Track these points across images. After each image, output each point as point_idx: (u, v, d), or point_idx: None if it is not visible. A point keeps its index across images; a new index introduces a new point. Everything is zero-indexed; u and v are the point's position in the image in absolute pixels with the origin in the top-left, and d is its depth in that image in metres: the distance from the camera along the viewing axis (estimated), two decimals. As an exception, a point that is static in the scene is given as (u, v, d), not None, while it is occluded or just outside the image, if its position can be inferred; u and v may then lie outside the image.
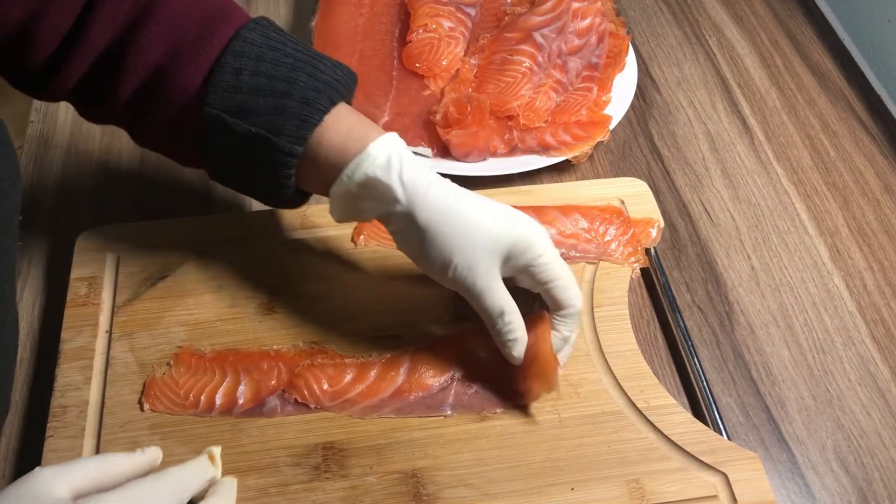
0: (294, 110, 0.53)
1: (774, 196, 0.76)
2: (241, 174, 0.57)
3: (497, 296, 0.55)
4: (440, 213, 0.53)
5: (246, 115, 0.53)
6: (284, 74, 0.53)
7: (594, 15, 0.80)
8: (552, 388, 0.57)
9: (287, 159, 0.54)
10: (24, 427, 0.59)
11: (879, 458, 0.60)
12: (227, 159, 0.56)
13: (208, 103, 0.53)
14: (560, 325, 0.58)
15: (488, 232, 0.54)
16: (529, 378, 0.57)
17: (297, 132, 0.53)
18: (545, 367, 0.56)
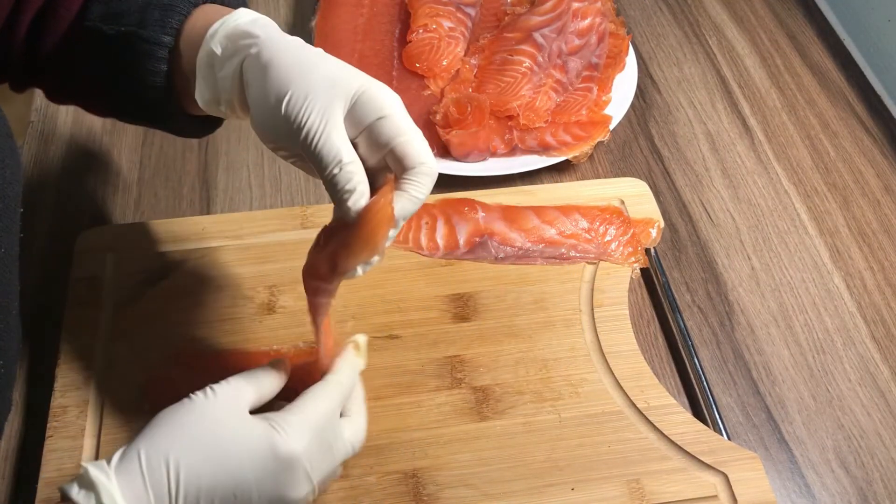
0: (163, 2, 0.51)
1: (774, 196, 0.76)
2: (123, 95, 0.54)
3: (336, 138, 0.46)
4: (289, 50, 0.48)
5: (119, 19, 0.51)
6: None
7: (594, 15, 0.80)
8: (376, 249, 0.47)
9: (154, 49, 0.50)
10: (24, 427, 0.59)
11: (879, 458, 0.60)
12: (110, 78, 0.53)
13: (87, 18, 0.52)
14: (409, 185, 0.48)
15: (334, 74, 0.48)
16: (354, 236, 0.47)
17: (164, 21, 0.51)
18: (375, 221, 0.46)
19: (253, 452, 0.43)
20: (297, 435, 0.45)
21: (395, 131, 0.48)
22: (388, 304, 0.64)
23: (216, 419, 0.44)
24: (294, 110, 0.46)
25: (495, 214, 0.69)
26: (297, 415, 0.46)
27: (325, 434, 0.47)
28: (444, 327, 0.63)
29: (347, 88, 0.47)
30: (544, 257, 0.67)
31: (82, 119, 0.79)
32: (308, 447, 0.45)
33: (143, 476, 0.41)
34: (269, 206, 0.73)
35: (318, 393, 0.48)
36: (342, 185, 0.46)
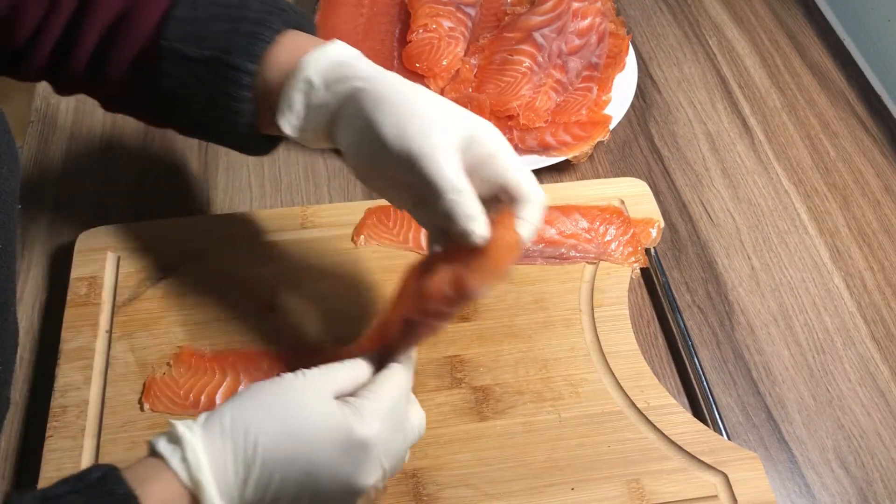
0: (246, 29, 0.53)
1: (774, 196, 0.76)
2: (198, 112, 0.56)
3: (456, 168, 0.49)
4: (398, 86, 0.51)
5: (200, 41, 0.53)
6: (239, 2, 0.54)
7: (594, 15, 0.80)
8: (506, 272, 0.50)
9: (240, 76, 0.53)
10: (24, 427, 0.59)
11: (879, 458, 0.60)
12: (185, 97, 0.55)
13: (164, 36, 0.53)
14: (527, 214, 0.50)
15: (446, 111, 0.51)
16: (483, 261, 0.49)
17: (249, 48, 0.53)
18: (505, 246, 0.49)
19: (330, 434, 0.44)
20: (372, 420, 0.45)
21: (507, 167, 0.51)
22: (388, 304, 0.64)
23: (301, 398, 0.45)
24: (412, 142, 0.49)
25: (495, 214, 0.68)
26: (373, 401, 0.46)
27: (396, 418, 0.47)
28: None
29: (460, 126, 0.51)
30: (544, 257, 0.67)
31: (82, 119, 0.79)
32: (381, 432, 0.45)
33: (226, 437, 0.43)
34: (269, 206, 0.73)
35: (390, 379, 0.48)
36: (466, 211, 0.49)
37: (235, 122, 0.55)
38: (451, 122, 0.51)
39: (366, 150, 0.51)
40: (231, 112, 0.54)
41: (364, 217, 0.68)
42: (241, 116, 0.54)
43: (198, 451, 0.42)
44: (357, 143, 0.52)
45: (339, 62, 0.52)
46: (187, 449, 0.42)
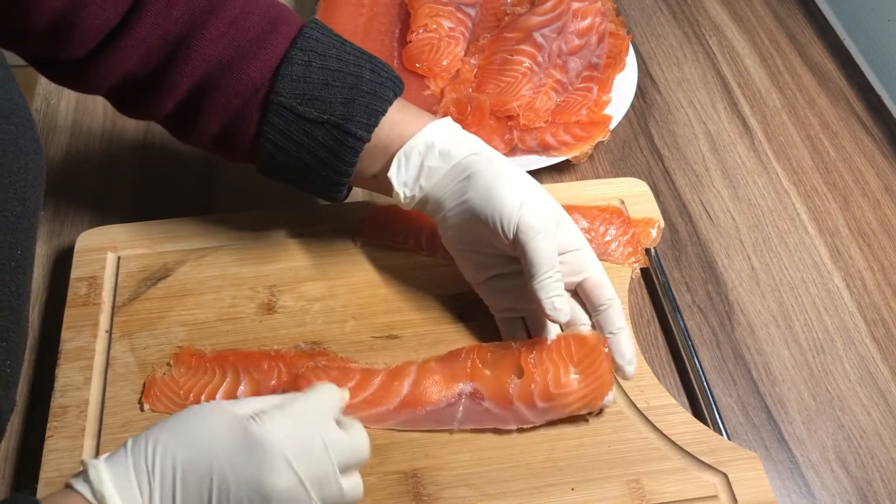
0: (363, 100, 0.57)
1: (774, 196, 0.76)
2: (299, 165, 0.59)
3: (553, 246, 0.56)
4: (512, 167, 0.58)
5: (316, 104, 0.57)
6: (351, 69, 0.58)
7: (594, 15, 0.80)
8: (595, 406, 0.57)
9: (356, 144, 0.57)
10: (24, 427, 0.59)
11: (879, 458, 0.60)
12: (289, 149, 0.58)
13: (277, 92, 0.56)
14: (617, 340, 0.59)
15: (550, 197, 0.58)
16: (581, 393, 0.57)
17: (367, 119, 0.57)
18: (601, 381, 0.57)
19: (226, 435, 0.45)
20: (273, 422, 0.45)
21: (589, 264, 0.60)
22: (388, 304, 0.64)
23: (202, 413, 0.46)
24: (530, 214, 0.56)
25: (495, 214, 0.68)
26: (278, 408, 0.47)
27: (312, 429, 0.46)
28: (444, 327, 0.63)
29: (558, 212, 0.58)
30: (544, 257, 0.67)
31: (82, 119, 0.79)
32: (286, 436, 0.45)
33: (128, 456, 0.44)
34: (269, 206, 0.73)
35: (306, 394, 0.49)
36: (554, 289, 0.56)
37: (337, 181, 0.60)
38: (554, 206, 0.58)
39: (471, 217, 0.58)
40: (336, 173, 0.59)
41: (364, 217, 0.68)
42: (344, 177, 0.59)
43: (100, 469, 0.43)
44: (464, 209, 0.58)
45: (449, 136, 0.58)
46: (90, 471, 0.43)
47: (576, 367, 0.58)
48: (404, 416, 0.57)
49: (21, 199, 0.50)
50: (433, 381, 0.58)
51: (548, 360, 0.58)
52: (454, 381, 0.58)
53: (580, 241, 0.59)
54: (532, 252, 0.56)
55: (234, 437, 0.45)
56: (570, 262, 0.59)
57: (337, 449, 0.47)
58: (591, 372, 0.57)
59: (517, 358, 0.59)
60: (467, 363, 0.59)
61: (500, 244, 0.58)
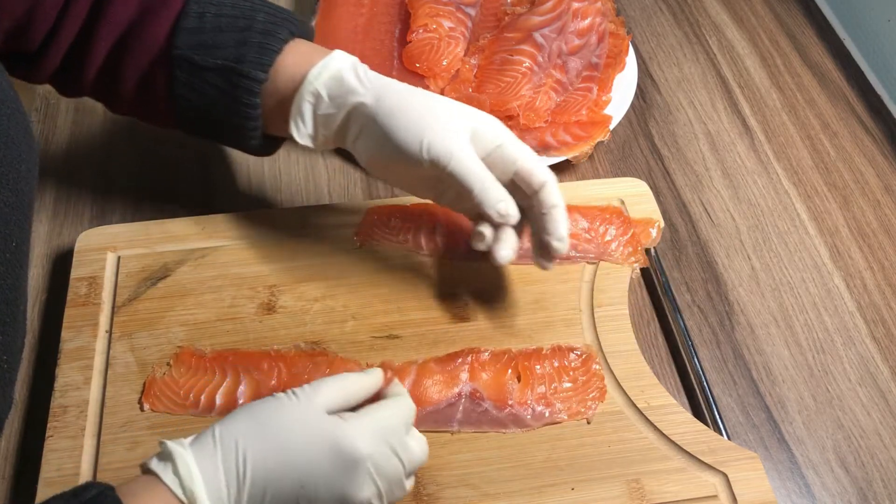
0: (255, 40, 0.57)
1: (774, 196, 0.76)
2: (209, 116, 0.60)
3: (477, 164, 0.56)
4: (405, 97, 0.57)
5: (211, 50, 0.57)
6: (244, 13, 0.58)
7: (594, 15, 0.80)
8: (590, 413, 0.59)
9: (251, 84, 0.57)
10: (24, 427, 0.59)
11: (879, 458, 0.60)
12: (196, 102, 0.59)
13: (176, 46, 0.57)
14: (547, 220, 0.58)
15: (451, 111, 0.57)
16: (575, 400, 0.59)
17: (260, 59, 0.57)
18: (595, 389, 0.59)
19: (318, 447, 0.45)
20: (363, 436, 0.46)
21: (516, 155, 0.58)
22: (388, 304, 0.64)
23: (291, 416, 0.46)
24: (437, 152, 0.55)
25: (495, 214, 0.68)
26: (366, 418, 0.47)
27: (392, 440, 0.47)
28: (444, 327, 0.63)
29: (470, 122, 0.57)
30: (544, 257, 0.67)
31: (82, 119, 0.79)
32: (373, 449, 0.46)
33: (216, 452, 0.43)
34: (269, 206, 0.73)
35: (388, 403, 0.50)
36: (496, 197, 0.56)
37: (245, 126, 0.59)
38: (459, 120, 0.57)
39: (384, 157, 0.57)
40: (241, 117, 0.59)
41: (364, 217, 0.68)
42: (251, 121, 0.59)
43: (189, 464, 0.42)
44: (374, 151, 0.57)
45: (341, 75, 0.57)
46: (179, 463, 0.42)
47: (570, 375, 0.59)
48: None
49: (13, 189, 0.49)
50: (433, 380, 0.58)
51: (545, 367, 0.59)
52: (454, 382, 0.59)
53: (500, 135, 0.58)
54: (457, 175, 0.55)
55: (327, 450, 0.45)
56: (496, 161, 0.58)
57: (406, 455, 0.48)
58: (585, 381, 0.59)
59: (516, 361, 0.59)
60: (466, 365, 0.59)
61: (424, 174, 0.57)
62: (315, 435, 0.45)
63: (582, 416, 0.58)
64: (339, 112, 0.57)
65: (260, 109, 0.59)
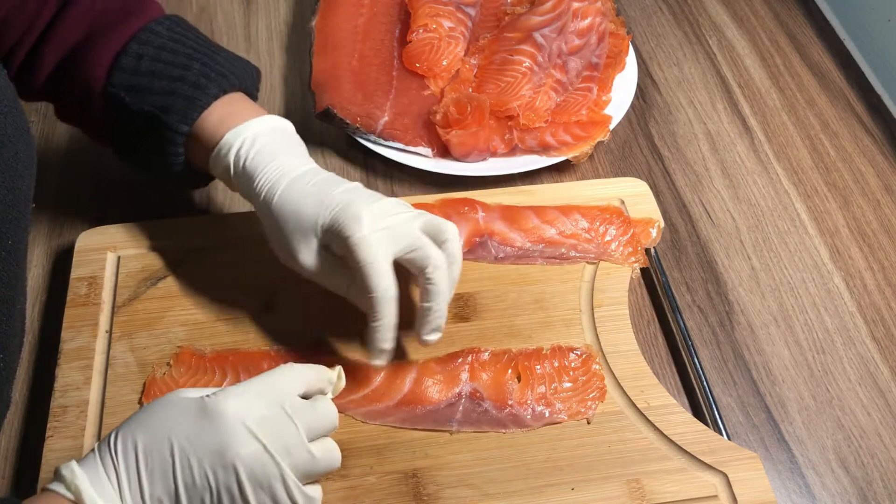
0: (184, 92, 0.59)
1: (774, 196, 0.76)
2: (138, 151, 0.63)
3: (327, 271, 0.57)
4: (265, 208, 0.57)
5: (142, 95, 0.59)
6: (181, 62, 0.60)
7: (594, 15, 0.80)
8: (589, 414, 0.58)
9: (175, 136, 0.59)
10: (24, 427, 0.59)
11: (879, 458, 0.60)
12: (127, 137, 0.62)
13: (110, 83, 0.59)
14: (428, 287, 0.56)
15: (301, 218, 0.56)
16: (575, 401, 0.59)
17: (186, 112, 0.59)
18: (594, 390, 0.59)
19: (183, 413, 0.45)
20: (228, 396, 0.46)
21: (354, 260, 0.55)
22: (388, 304, 0.64)
23: (161, 399, 0.47)
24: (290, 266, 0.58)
25: (495, 214, 0.69)
26: (244, 385, 0.47)
27: (282, 403, 0.46)
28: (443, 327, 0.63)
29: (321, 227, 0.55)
30: (544, 257, 0.67)
31: (82, 119, 0.79)
32: (247, 407, 0.45)
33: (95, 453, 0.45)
34: (269, 206, 0.73)
35: (273, 371, 0.49)
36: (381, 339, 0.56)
37: (169, 170, 0.62)
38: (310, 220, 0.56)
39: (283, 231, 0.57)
40: (166, 160, 0.61)
41: (364, 217, 0.68)
42: (174, 166, 0.61)
43: (72, 467, 0.44)
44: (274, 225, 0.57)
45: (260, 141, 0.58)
46: (64, 470, 0.44)
47: (570, 376, 0.59)
48: (404, 414, 0.57)
49: (10, 187, 0.50)
50: (434, 380, 0.59)
51: (545, 367, 0.59)
52: (454, 382, 0.59)
53: (353, 232, 0.54)
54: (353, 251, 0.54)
55: (191, 412, 0.45)
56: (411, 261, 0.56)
57: (301, 416, 0.47)
58: (585, 381, 0.59)
59: (516, 361, 0.59)
60: (466, 365, 0.59)
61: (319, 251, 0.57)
62: (180, 404, 0.46)
63: (582, 416, 0.58)
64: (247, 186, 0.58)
65: (183, 156, 0.61)
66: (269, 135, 0.58)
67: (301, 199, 0.56)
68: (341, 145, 0.78)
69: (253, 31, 0.89)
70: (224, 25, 0.89)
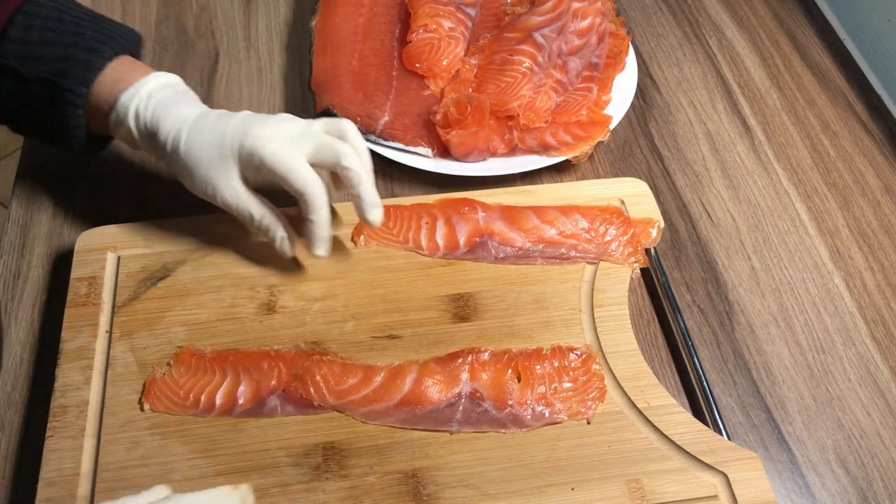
0: (80, 56, 0.60)
1: (774, 196, 0.76)
2: (37, 122, 0.63)
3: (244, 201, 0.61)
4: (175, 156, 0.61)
5: (35, 62, 0.60)
6: (71, 29, 0.61)
7: (594, 15, 0.80)
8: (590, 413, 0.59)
9: (74, 98, 0.60)
10: (24, 427, 0.59)
11: (879, 458, 0.60)
12: (24, 107, 0.62)
13: (2, 55, 0.60)
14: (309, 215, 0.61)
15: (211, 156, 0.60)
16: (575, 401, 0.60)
17: (83, 75, 0.60)
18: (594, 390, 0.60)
19: None
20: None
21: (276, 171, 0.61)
22: (388, 304, 0.64)
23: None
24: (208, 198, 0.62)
25: (495, 214, 0.69)
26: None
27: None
28: (444, 327, 0.63)
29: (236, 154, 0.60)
30: (544, 257, 0.67)
31: (82, 119, 0.79)
32: None
33: None
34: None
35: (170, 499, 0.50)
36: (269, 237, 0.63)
37: (70, 134, 0.63)
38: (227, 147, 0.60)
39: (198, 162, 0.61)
40: (65, 125, 0.62)
41: (364, 217, 0.68)
42: (74, 129, 0.62)
43: None
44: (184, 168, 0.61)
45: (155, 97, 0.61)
46: None
47: (570, 376, 0.59)
48: (404, 414, 0.57)
49: None
50: (434, 380, 0.59)
51: (545, 367, 0.59)
52: (454, 382, 0.59)
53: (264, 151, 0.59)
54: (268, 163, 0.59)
55: None
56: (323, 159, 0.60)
57: None
58: (585, 381, 0.59)
59: (516, 361, 0.59)
60: (466, 365, 0.59)
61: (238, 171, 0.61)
62: None
63: (582, 416, 0.58)
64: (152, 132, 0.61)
65: (83, 119, 0.62)
66: (162, 90, 0.62)
67: (206, 139, 0.60)
68: (341, 145, 0.78)
69: (253, 31, 0.89)
70: (224, 25, 0.89)
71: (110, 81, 0.61)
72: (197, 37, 0.88)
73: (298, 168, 0.59)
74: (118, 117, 0.61)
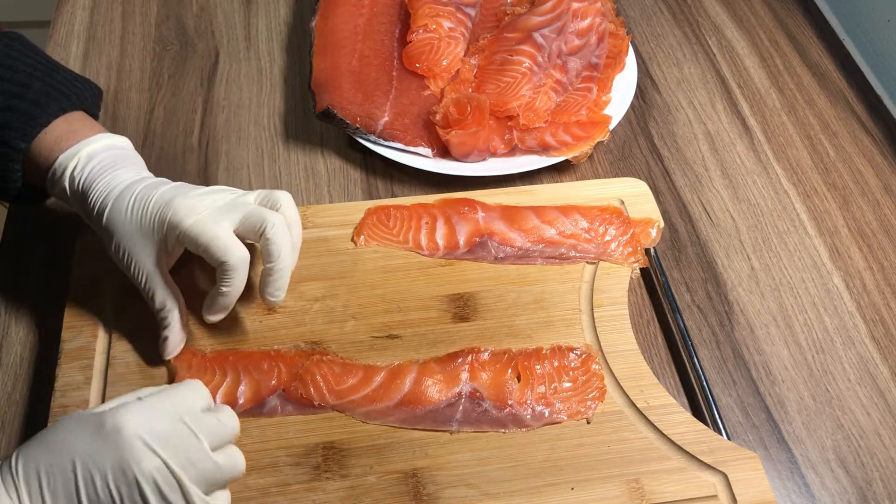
0: (23, 109, 0.58)
1: (774, 196, 0.76)
2: None
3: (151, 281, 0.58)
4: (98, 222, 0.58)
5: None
6: (20, 80, 0.59)
7: (594, 15, 0.80)
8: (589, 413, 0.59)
9: (11, 153, 0.58)
10: (24, 427, 0.59)
11: (879, 458, 0.60)
12: None
13: None
14: None
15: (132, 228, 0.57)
16: (575, 401, 0.59)
17: (24, 129, 0.58)
18: (594, 390, 0.60)
19: (82, 431, 0.45)
20: (127, 411, 0.46)
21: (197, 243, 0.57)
22: (388, 304, 0.64)
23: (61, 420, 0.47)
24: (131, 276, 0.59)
25: (495, 214, 0.69)
26: (142, 401, 0.47)
27: (183, 417, 0.47)
28: (444, 327, 0.63)
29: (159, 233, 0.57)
30: (544, 257, 0.67)
31: (82, 119, 0.79)
32: (142, 421, 0.46)
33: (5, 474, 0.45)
34: (269, 206, 0.73)
35: (173, 387, 0.50)
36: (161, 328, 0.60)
37: (6, 186, 0.61)
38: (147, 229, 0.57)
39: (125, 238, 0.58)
40: (2, 180, 0.60)
41: (364, 217, 0.68)
42: (11, 182, 0.60)
43: None
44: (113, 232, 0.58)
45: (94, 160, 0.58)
46: None
47: (570, 375, 0.59)
48: (404, 414, 0.57)
49: None
50: (434, 380, 0.59)
51: (545, 367, 0.59)
52: (454, 382, 0.59)
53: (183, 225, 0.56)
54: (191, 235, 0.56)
55: (89, 430, 0.45)
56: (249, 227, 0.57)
57: (204, 427, 0.48)
58: (584, 381, 0.59)
59: (516, 361, 0.59)
60: (466, 365, 0.59)
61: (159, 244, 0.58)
62: (79, 422, 0.46)
63: (582, 416, 0.58)
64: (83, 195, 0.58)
65: (20, 173, 0.60)
66: (103, 153, 0.59)
67: (129, 209, 0.57)
68: (341, 145, 0.78)
69: (253, 31, 0.89)
70: (224, 25, 0.89)
71: (53, 139, 0.59)
72: (197, 37, 0.88)
73: (221, 237, 0.56)
74: (54, 176, 0.59)
